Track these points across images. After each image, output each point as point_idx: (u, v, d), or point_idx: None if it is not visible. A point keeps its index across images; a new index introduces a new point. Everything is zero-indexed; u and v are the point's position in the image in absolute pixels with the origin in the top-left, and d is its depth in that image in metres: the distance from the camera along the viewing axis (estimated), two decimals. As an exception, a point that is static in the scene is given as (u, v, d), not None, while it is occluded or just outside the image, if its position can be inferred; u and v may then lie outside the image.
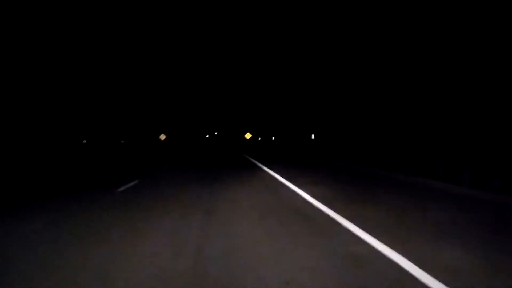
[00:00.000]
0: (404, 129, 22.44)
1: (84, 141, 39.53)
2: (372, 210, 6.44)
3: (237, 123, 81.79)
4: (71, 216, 6.15)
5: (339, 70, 31.55)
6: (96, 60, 38.07)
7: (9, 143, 26.43)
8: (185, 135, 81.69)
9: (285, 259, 4.00)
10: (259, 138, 65.77)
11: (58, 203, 7.45)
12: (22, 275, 3.63)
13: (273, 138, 59.48)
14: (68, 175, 13.47)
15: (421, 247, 4.41)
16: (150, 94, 57.21)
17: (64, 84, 33.30)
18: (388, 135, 23.68)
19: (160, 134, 57.47)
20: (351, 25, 28.17)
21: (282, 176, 12.24)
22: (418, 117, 21.36)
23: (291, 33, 39.26)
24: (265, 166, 17.04)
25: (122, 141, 48.65)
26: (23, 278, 3.57)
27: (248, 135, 58.77)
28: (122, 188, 9.52)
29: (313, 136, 49.13)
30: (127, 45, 45.22)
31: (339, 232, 5.06)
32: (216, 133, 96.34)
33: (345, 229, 5.19)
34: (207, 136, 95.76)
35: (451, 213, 6.25)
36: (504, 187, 8.89)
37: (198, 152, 39.20)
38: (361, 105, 28.67)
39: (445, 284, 3.35)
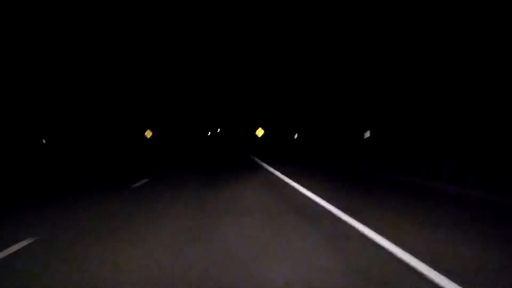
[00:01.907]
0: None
1: None
2: None
3: (245, 118, 65.33)
4: None
5: (346, 68, 30.41)
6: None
7: None
8: (181, 132, 64.88)
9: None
10: (295, 136, 46.37)
11: None
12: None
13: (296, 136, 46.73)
14: None
15: None
16: (135, 81, 44.98)
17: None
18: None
19: (146, 130, 46.95)
20: (364, 16, 27.00)
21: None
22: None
23: (302, 16, 35.83)
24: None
25: (43, 141, 32.04)
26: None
27: (260, 132, 46.22)
28: None
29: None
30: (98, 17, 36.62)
31: None
32: (218, 130, 79.26)
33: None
34: (209, 133, 78.88)
35: None
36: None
37: (195, 156, 30.33)
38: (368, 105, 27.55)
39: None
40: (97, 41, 36.48)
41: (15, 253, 4.00)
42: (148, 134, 46.48)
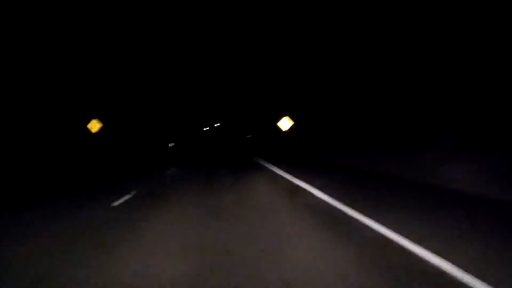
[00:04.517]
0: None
1: None
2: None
3: (255, 107, 43.27)
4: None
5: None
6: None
7: None
8: (161, 126, 43.12)
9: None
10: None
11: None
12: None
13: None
14: None
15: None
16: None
17: None
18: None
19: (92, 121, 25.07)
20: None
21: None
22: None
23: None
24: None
25: None
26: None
27: (285, 122, 26.87)
28: None
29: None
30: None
31: None
32: (217, 124, 61.84)
33: None
34: (207, 128, 62.34)
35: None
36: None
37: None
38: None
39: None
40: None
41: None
42: (94, 126, 25.79)
